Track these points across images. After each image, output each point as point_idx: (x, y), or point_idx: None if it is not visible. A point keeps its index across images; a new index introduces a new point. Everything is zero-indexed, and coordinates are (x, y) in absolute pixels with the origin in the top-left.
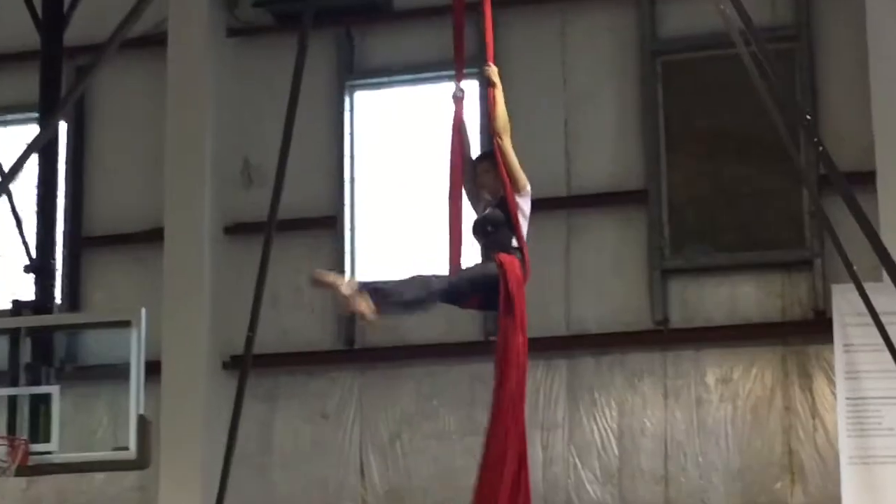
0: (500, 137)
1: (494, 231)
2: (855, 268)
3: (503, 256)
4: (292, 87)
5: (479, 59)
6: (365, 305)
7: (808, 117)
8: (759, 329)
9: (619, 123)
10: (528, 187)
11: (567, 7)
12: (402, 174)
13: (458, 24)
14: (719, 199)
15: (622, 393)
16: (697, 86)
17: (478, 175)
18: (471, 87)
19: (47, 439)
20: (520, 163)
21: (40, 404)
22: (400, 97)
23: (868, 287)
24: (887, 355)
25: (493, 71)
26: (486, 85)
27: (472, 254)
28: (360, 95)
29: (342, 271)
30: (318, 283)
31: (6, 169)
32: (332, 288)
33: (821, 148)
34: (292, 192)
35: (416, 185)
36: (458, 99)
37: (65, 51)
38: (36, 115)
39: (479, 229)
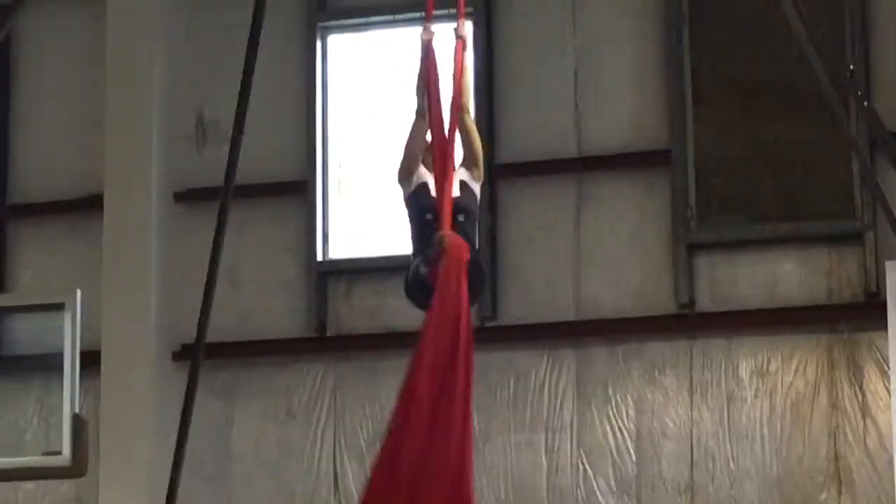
0: (466, 111)
1: (464, 220)
2: None
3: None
4: (252, 27)
5: None
6: None
7: (852, 68)
8: (801, 313)
9: (637, 72)
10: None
11: None
12: (382, 132)
13: None
14: (755, 162)
15: (640, 388)
16: (731, 29)
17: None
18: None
19: None
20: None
21: None
22: (380, 41)
23: None
24: None
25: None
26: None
27: None
28: (333, 39)
29: (312, 245)
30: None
31: None
32: None
33: (865, 103)
34: (254, 152)
35: (399, 144)
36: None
37: None
38: None
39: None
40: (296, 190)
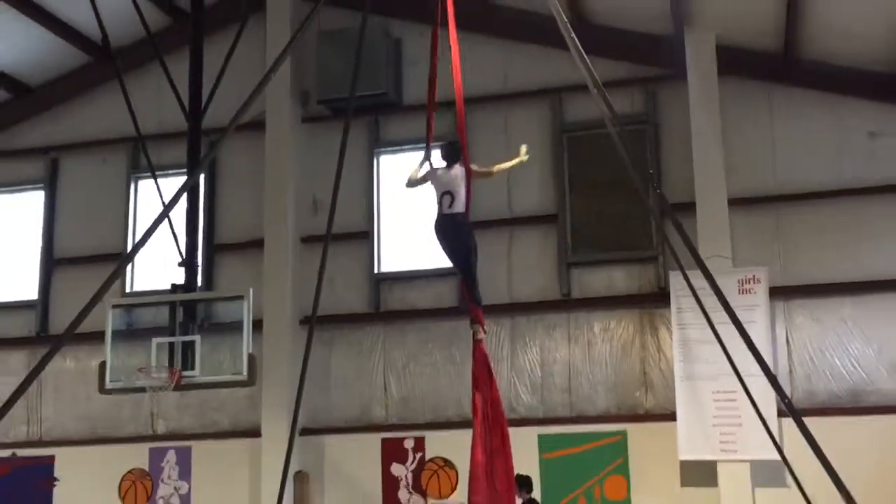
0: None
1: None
2: (682, 262)
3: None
4: (340, 152)
5: (448, 136)
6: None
7: (651, 172)
8: (625, 299)
9: (541, 174)
10: None
11: (508, 103)
12: (410, 206)
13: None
14: (601, 220)
15: (543, 338)
16: (588, 152)
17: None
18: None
19: (193, 368)
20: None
21: (188, 347)
22: (408, 159)
23: (690, 273)
24: (702, 314)
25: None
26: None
27: None
28: (383, 158)
29: (371, 264)
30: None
31: (166, 201)
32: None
33: (658, 190)
34: (342, 216)
35: (420, 212)
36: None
37: (203, 131)
38: (185, 170)
39: None
40: (364, 236)
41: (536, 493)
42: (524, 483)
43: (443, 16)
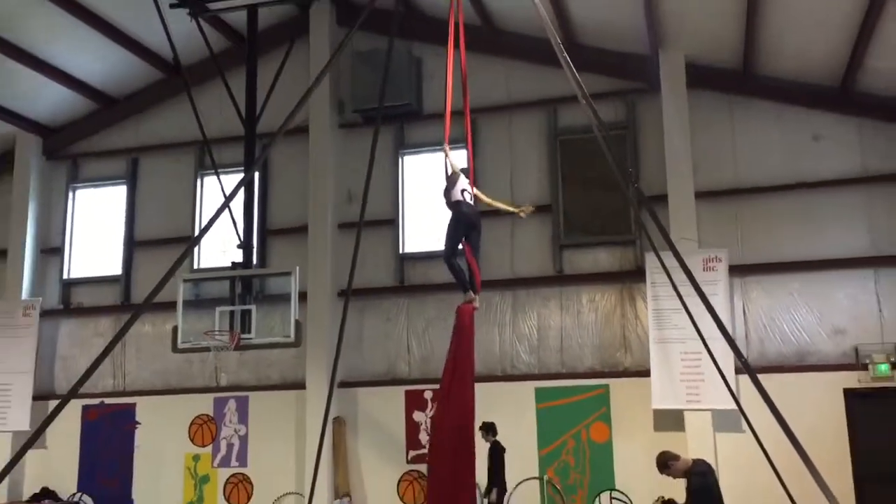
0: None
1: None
2: (656, 244)
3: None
4: (371, 153)
5: (462, 139)
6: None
7: (630, 170)
8: (608, 275)
9: (538, 172)
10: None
11: (511, 112)
12: (429, 198)
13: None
14: (589, 209)
15: (539, 308)
16: (578, 153)
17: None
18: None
19: (250, 332)
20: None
21: (246, 314)
22: (428, 160)
23: (663, 254)
24: (672, 288)
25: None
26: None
27: None
28: (407, 158)
29: (397, 246)
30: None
31: (227, 194)
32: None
33: (636, 185)
34: (372, 206)
35: (436, 203)
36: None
37: (257, 135)
38: (242, 168)
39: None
40: (391, 222)
41: (532, 437)
42: (490, 428)
43: (455, 43)
